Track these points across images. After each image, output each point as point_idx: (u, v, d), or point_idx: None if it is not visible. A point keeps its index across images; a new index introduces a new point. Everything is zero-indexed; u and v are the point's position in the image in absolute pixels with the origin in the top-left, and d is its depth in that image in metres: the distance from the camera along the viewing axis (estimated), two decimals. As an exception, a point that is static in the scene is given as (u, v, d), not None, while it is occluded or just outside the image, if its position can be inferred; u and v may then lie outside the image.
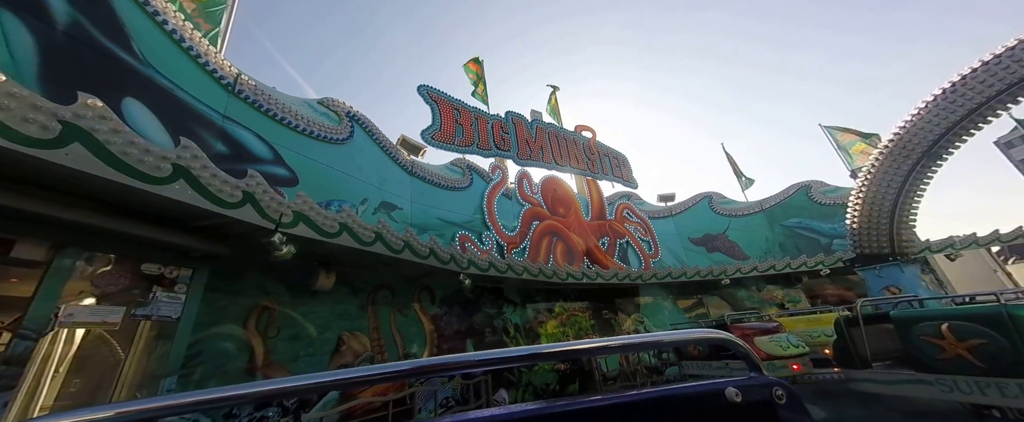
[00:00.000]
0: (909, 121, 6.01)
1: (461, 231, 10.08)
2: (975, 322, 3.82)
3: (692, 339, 0.93)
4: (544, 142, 14.26)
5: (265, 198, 4.11)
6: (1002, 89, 5.10)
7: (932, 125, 5.75)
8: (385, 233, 5.73)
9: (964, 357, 3.88)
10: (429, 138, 11.09)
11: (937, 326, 4.08)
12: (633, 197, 15.91)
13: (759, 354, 7.29)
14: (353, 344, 6.65)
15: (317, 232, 4.70)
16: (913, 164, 6.30)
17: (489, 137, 12.69)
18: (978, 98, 5.29)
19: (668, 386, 0.80)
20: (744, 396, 0.77)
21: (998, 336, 3.64)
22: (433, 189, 10.03)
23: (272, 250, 4.37)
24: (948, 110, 5.55)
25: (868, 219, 7.83)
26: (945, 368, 4.08)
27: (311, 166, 6.98)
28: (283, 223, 4.34)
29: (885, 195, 7.01)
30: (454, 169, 11.19)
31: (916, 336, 4.29)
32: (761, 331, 7.55)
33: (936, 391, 4.20)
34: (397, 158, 9.22)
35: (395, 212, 8.54)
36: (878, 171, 6.90)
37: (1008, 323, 3.59)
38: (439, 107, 11.72)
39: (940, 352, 4.08)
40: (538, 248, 11.96)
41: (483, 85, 14.01)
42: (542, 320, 11.02)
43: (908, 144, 6.17)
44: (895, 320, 4.61)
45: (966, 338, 3.86)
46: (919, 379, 4.35)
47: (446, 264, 7.18)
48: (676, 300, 13.42)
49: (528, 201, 12.63)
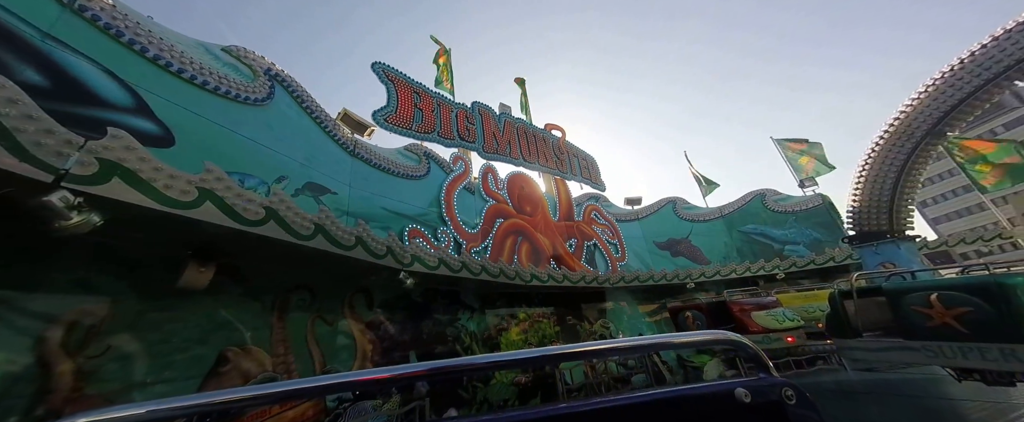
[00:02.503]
0: (914, 101, 5.54)
1: (412, 225, 8.39)
2: (964, 292, 3.89)
3: (700, 341, 0.91)
4: (512, 137, 12.96)
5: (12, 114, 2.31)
6: (1010, 65, 4.66)
7: (937, 104, 5.28)
8: (284, 210, 4.01)
9: (950, 325, 3.95)
10: (382, 120, 9.37)
11: (926, 296, 4.13)
12: (601, 199, 14.98)
13: (755, 328, 7.16)
14: (243, 363, 4.74)
15: (144, 193, 2.90)
16: (916, 144, 5.87)
17: (452, 126, 11.16)
18: (985, 75, 4.85)
19: (678, 386, 0.77)
20: (754, 396, 0.75)
21: (984, 304, 3.70)
22: (381, 175, 8.29)
23: (54, 218, 2.55)
24: (954, 89, 5.08)
25: (869, 197, 7.48)
26: (932, 335, 4.14)
27: (199, 126, 5.08)
28: (77, 176, 2.55)
29: (887, 173, 6.64)
30: (409, 155, 9.52)
31: (906, 306, 4.32)
32: (758, 306, 7.50)
33: (921, 357, 4.30)
34: (335, 134, 7.42)
35: (327, 197, 6.72)
36: (881, 150, 6.48)
37: (996, 291, 3.65)
38: (396, 88, 10.05)
39: (928, 320, 4.12)
40: (502, 247, 10.49)
41: (449, 75, 12.53)
42: (503, 327, 9.49)
43: (912, 123, 5.69)
44: (887, 292, 4.61)
45: (953, 307, 3.93)
46: (907, 346, 4.40)
47: (381, 258, 5.50)
48: (640, 304, 12.44)
49: (493, 197, 11.18)
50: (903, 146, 6.27)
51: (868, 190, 7.50)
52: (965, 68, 5.17)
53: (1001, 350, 3.60)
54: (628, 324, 11.86)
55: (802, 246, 13.99)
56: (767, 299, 7.79)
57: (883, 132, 6.53)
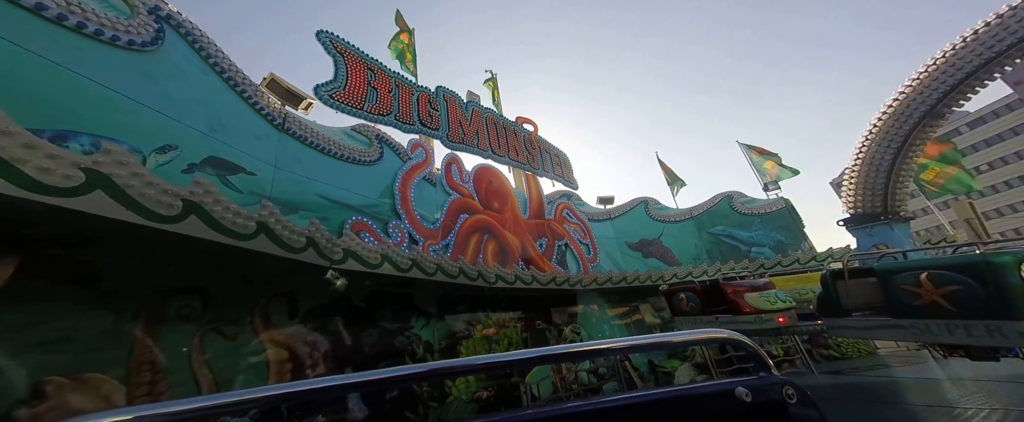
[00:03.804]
0: (914, 80, 5.26)
1: (357, 217, 7.09)
2: (954, 271, 3.91)
3: (700, 339, 0.90)
4: (480, 127, 11.93)
5: None
6: (1012, 44, 4.44)
7: (938, 84, 5.02)
8: (122, 175, 2.72)
9: (938, 303, 3.99)
10: (327, 97, 8.00)
11: (916, 275, 4.15)
12: (573, 197, 14.29)
13: (748, 309, 7.26)
14: (75, 397, 3.30)
15: None
16: (915, 124, 5.64)
17: (413, 110, 9.95)
18: (987, 54, 4.62)
19: (679, 386, 0.77)
20: (754, 395, 0.74)
21: (972, 282, 3.75)
22: (318, 157, 6.94)
23: None
24: (955, 69, 4.83)
25: (865, 178, 7.33)
26: (920, 313, 4.18)
27: (32, 68, 3.61)
28: None
29: (884, 154, 6.44)
30: (357, 137, 8.20)
31: (896, 285, 4.35)
32: (751, 288, 7.49)
33: (909, 334, 4.35)
34: (256, 103, 6.02)
35: (239, 177, 5.32)
36: (879, 131, 6.24)
37: (985, 269, 3.68)
38: (346, 62, 8.72)
39: (917, 299, 4.16)
40: (465, 246, 9.38)
41: (412, 56, 11.31)
42: (465, 334, 8.37)
43: (912, 103, 5.43)
44: (878, 272, 4.64)
45: (942, 285, 3.95)
46: (895, 324, 4.45)
47: (297, 252, 4.25)
48: (611, 307, 11.77)
49: (457, 190, 10.07)
50: (901, 126, 6.09)
51: (864, 172, 7.38)
52: (967, 47, 4.97)
53: (986, 326, 3.66)
54: (598, 328, 11.14)
55: (767, 248, 14.04)
56: (760, 281, 7.83)
57: (881, 113, 6.31)
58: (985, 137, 39.15)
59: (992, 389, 6.23)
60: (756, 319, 7.07)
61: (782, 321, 6.99)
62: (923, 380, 7.48)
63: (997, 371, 7.00)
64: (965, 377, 7.15)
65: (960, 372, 7.54)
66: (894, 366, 8.97)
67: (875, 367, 9.07)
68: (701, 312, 8.06)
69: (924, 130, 6.21)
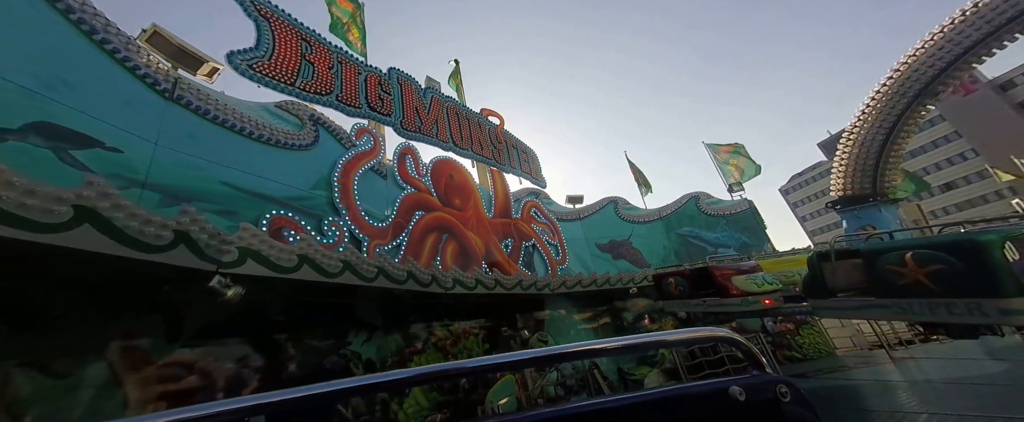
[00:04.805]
0: (910, 57, 5.09)
1: (278, 211, 5.82)
2: (939, 250, 3.94)
3: (694, 338, 0.90)
4: (441, 116, 10.90)
5: None
6: (1013, 16, 4.32)
7: (934, 60, 4.87)
8: None
9: (921, 282, 4.02)
10: (244, 67, 6.63)
11: (901, 255, 4.19)
12: (541, 196, 13.62)
13: (735, 292, 7.24)
14: None
15: None
16: (908, 103, 5.53)
17: (360, 91, 8.74)
18: (986, 28, 4.49)
19: (672, 386, 0.76)
20: (748, 394, 0.74)
21: (956, 261, 3.79)
22: (225, 135, 5.60)
23: None
24: (953, 44, 4.68)
25: (855, 160, 7.28)
26: (902, 293, 4.22)
27: None
28: None
29: (876, 135, 6.35)
30: (283, 115, 6.90)
31: (881, 266, 4.39)
32: (739, 271, 7.50)
33: (892, 313, 4.45)
34: (127, 58, 4.63)
35: (92, 153, 3.95)
36: (872, 110, 6.12)
37: (970, 248, 3.73)
38: (272, 28, 7.38)
39: (900, 279, 4.19)
40: (420, 246, 8.30)
41: (360, 33, 10.07)
42: (416, 349, 7.29)
43: (907, 81, 5.27)
44: (863, 253, 4.67)
45: (926, 264, 3.99)
46: (878, 304, 4.49)
47: (155, 252, 3.05)
48: (579, 311, 11.15)
49: (412, 184, 8.97)
50: (895, 106, 6.02)
51: (855, 151, 7.38)
52: (966, 20, 4.88)
53: (967, 305, 3.71)
54: (565, 333, 10.45)
55: (732, 249, 14.17)
56: (747, 264, 7.86)
57: (875, 92, 6.21)
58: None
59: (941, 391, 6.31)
60: (743, 301, 7.11)
61: (768, 303, 7.05)
62: (881, 382, 7.53)
63: (948, 372, 7.18)
64: (919, 380, 7.25)
65: (915, 374, 7.68)
66: (853, 368, 9.05)
67: (835, 370, 9.11)
68: (689, 296, 8.19)
69: (917, 109, 6.28)
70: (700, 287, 7.69)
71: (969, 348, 8.25)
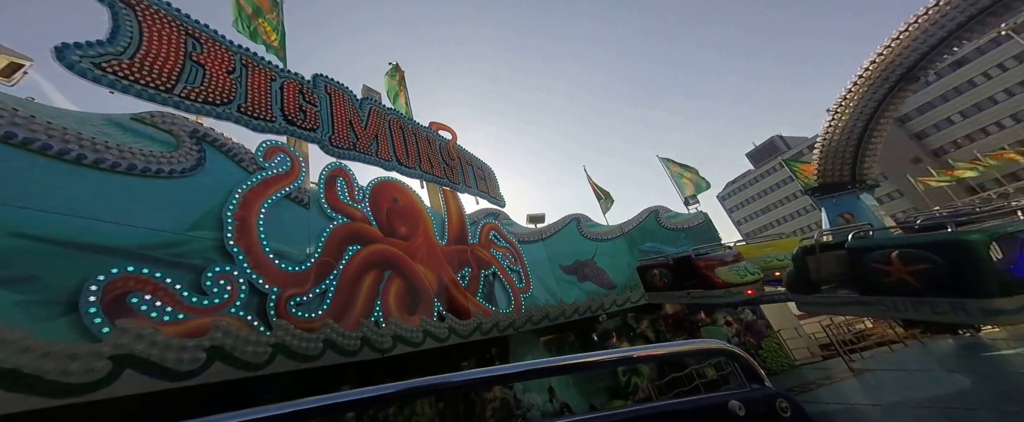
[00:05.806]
0: (894, 41, 5.00)
1: (125, 268, 4.04)
2: (925, 249, 3.92)
3: (691, 350, 0.90)
4: (382, 131, 9.48)
5: None
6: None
7: (918, 44, 4.84)
8: None
9: (905, 280, 4.01)
10: (89, 66, 4.78)
11: (888, 254, 4.15)
12: (501, 216, 12.58)
13: (718, 283, 7.15)
14: None
15: None
16: (891, 87, 5.52)
17: (272, 100, 7.09)
18: (970, 11, 4.48)
19: (671, 400, 0.75)
20: (748, 408, 0.73)
21: (941, 260, 3.77)
22: (26, 159, 3.78)
23: None
24: (937, 27, 4.66)
25: (836, 147, 7.37)
26: (887, 290, 4.20)
27: None
28: None
29: (857, 121, 6.33)
30: (143, 130, 5.10)
31: (867, 263, 4.34)
32: (721, 262, 7.45)
33: (875, 310, 4.48)
34: None
35: None
36: (853, 97, 6.12)
37: (956, 248, 3.71)
38: (140, 19, 5.60)
39: (885, 276, 4.17)
40: (354, 291, 6.73)
41: (276, 32, 8.43)
42: (349, 425, 5.66)
43: (889, 65, 5.23)
44: (850, 249, 4.58)
45: (911, 263, 3.98)
46: (861, 300, 4.50)
47: None
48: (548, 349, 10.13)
49: (343, 212, 7.40)
50: (877, 91, 6.13)
51: (836, 140, 7.57)
52: (952, 3, 4.93)
53: (950, 304, 3.72)
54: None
55: (692, 262, 14.21)
56: (729, 254, 7.89)
57: (857, 76, 6.30)
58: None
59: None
60: (726, 293, 7.14)
61: (750, 293, 7.06)
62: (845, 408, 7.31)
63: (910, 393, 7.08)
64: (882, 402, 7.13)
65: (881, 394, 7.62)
66: (814, 383, 8.97)
67: (798, 388, 8.96)
68: (673, 287, 8.12)
69: (899, 94, 6.54)
70: (684, 279, 7.72)
71: (921, 353, 8.56)
